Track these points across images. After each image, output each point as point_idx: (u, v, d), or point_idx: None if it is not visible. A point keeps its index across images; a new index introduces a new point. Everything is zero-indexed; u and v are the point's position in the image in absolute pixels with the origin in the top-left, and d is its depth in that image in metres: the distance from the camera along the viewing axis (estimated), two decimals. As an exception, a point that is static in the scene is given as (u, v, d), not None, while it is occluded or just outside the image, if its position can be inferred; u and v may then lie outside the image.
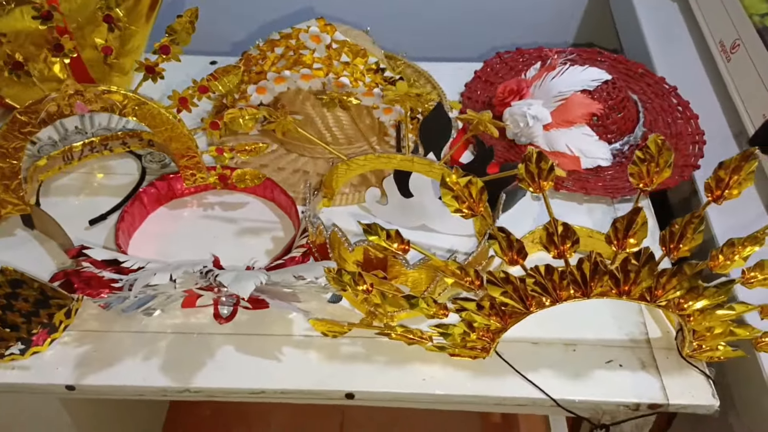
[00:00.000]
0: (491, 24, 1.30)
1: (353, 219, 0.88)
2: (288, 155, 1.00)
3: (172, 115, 0.83)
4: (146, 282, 0.65)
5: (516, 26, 1.32)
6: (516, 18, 1.32)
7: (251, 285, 0.64)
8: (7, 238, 0.89)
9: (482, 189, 0.57)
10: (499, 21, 1.30)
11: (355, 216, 0.91)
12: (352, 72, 0.89)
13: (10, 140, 0.79)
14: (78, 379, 0.72)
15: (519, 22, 1.32)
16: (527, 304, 0.66)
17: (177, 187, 0.94)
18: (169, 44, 0.78)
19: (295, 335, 0.78)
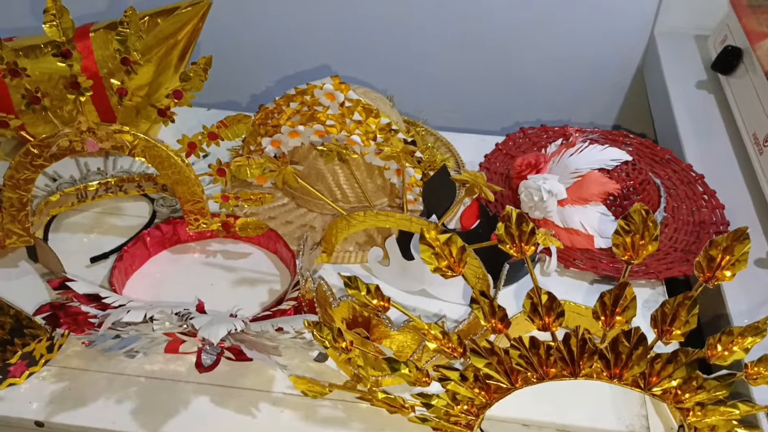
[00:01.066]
0: (520, 98, 1.30)
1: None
2: (297, 210, 1.00)
3: (180, 159, 0.84)
4: (118, 318, 0.64)
5: (546, 103, 1.32)
6: (547, 95, 1.32)
7: (223, 330, 0.63)
8: (10, 269, 0.89)
9: (462, 248, 0.54)
10: (528, 96, 1.30)
11: (358, 275, 0.89)
12: (364, 131, 0.90)
13: (21, 172, 0.81)
14: (48, 416, 0.70)
15: (550, 99, 1.32)
16: (512, 379, 0.62)
17: (182, 232, 0.95)
18: (181, 90, 0.79)
19: (274, 392, 0.75)
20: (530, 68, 1.27)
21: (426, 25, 1.20)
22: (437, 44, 1.23)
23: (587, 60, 1.26)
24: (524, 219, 0.51)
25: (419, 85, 1.23)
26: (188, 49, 1.02)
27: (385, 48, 1.22)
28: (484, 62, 1.26)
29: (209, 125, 0.83)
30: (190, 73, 0.78)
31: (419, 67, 1.24)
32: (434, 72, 1.25)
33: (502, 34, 1.22)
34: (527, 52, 1.25)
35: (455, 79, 1.27)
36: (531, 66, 1.27)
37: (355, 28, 1.19)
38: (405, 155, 0.72)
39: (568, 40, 1.23)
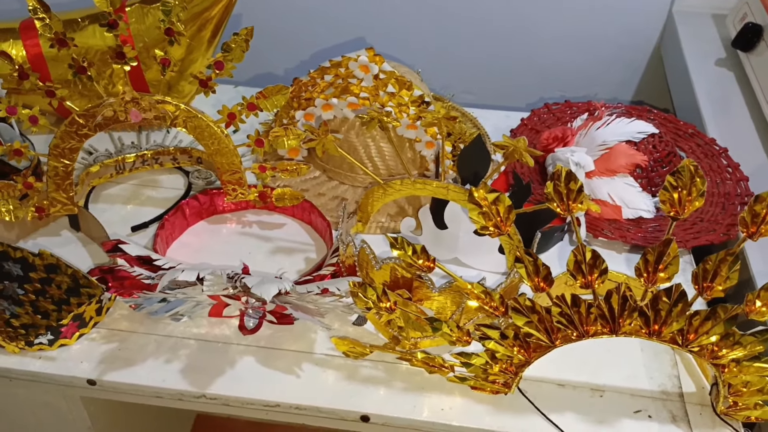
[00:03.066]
0: (542, 76, 1.31)
1: (387, 246, 0.88)
2: (329, 182, 1.02)
3: (220, 130, 0.86)
4: (174, 277, 0.66)
5: (567, 80, 1.33)
6: (567, 72, 1.33)
7: (274, 288, 0.65)
8: (53, 237, 0.92)
9: (510, 207, 0.56)
10: (550, 74, 1.31)
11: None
12: (397, 103, 0.91)
13: (67, 141, 0.83)
14: (100, 375, 0.73)
15: (570, 77, 1.33)
16: (552, 337, 0.64)
17: (219, 203, 0.97)
18: (223, 60, 0.81)
19: (316, 353, 0.77)
20: (549, 46, 1.28)
21: (450, 3, 1.21)
22: (461, 21, 1.24)
23: (605, 39, 1.27)
24: (573, 177, 0.53)
25: (444, 62, 1.25)
26: (222, 24, 1.03)
27: (411, 24, 1.23)
28: (505, 40, 1.27)
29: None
30: (231, 44, 0.80)
31: (444, 44, 1.25)
32: (458, 49, 1.26)
33: (523, 11, 1.23)
34: (547, 31, 1.26)
35: (478, 56, 1.28)
36: (550, 44, 1.28)
37: (383, 3, 1.20)
38: (446, 121, 0.73)
39: (587, 19, 1.24)
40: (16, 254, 0.64)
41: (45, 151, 0.84)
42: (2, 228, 0.88)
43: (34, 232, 0.92)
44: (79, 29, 1.01)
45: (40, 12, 0.76)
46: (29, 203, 0.86)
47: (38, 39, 0.99)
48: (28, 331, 0.71)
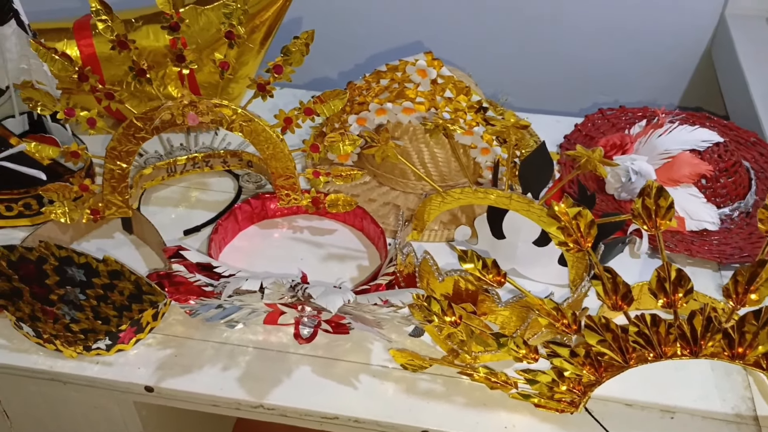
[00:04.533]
0: (595, 81, 1.28)
1: (441, 255, 0.86)
2: (380, 188, 1.00)
3: (275, 134, 0.85)
4: (238, 286, 0.65)
5: (620, 85, 1.30)
6: (620, 77, 1.30)
7: (339, 300, 0.63)
8: (106, 239, 0.92)
9: (591, 223, 0.54)
10: (603, 79, 1.28)
11: (443, 253, 0.89)
12: (454, 108, 0.89)
13: (124, 144, 0.83)
14: (157, 381, 0.72)
15: (623, 82, 1.30)
16: (627, 357, 0.61)
17: (270, 207, 0.96)
18: (282, 64, 0.80)
19: (373, 364, 0.76)
20: (594, 47, 1.25)
21: (499, 4, 1.19)
22: (509, 23, 1.21)
23: (652, 40, 1.24)
24: (665, 193, 0.50)
25: (493, 64, 1.22)
26: (274, 27, 1.02)
27: (460, 27, 1.21)
28: (551, 41, 1.24)
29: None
30: (291, 47, 0.79)
31: (492, 46, 1.23)
32: (506, 52, 1.24)
33: (572, 15, 1.20)
34: (592, 30, 1.23)
35: (525, 58, 1.26)
36: (595, 45, 1.25)
37: (435, 6, 1.18)
38: (516, 130, 0.71)
39: (635, 21, 1.20)
40: (80, 260, 0.63)
41: (96, 151, 0.84)
42: (57, 229, 0.88)
43: (87, 233, 0.92)
44: (132, 30, 1.00)
45: (102, 13, 0.75)
46: (84, 205, 0.86)
47: (92, 39, 0.99)
48: (87, 336, 0.71)
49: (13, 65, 0.92)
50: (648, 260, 0.91)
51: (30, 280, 0.66)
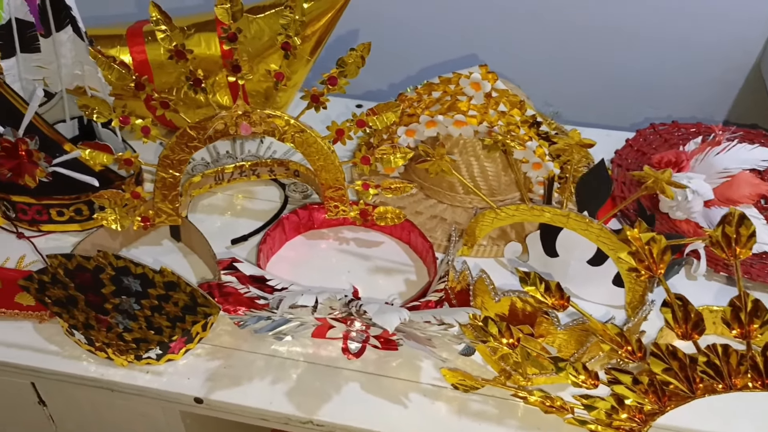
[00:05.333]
0: (642, 94, 1.25)
1: (489, 272, 0.85)
2: (427, 200, 0.99)
3: (327, 146, 0.84)
4: (293, 302, 0.65)
5: (666, 98, 1.27)
6: (667, 90, 1.26)
7: (396, 319, 0.62)
8: (155, 246, 0.92)
9: (665, 249, 0.52)
10: (650, 91, 1.25)
11: (491, 269, 0.88)
12: (507, 122, 0.88)
13: (177, 152, 0.83)
14: (207, 393, 0.72)
15: (670, 94, 1.26)
16: (693, 387, 0.59)
17: (317, 218, 0.95)
18: (337, 76, 0.79)
19: (422, 383, 0.74)
20: (644, 62, 1.22)
21: (551, 18, 1.17)
22: (560, 36, 1.19)
23: (700, 53, 1.20)
24: (747, 221, 0.48)
25: (543, 77, 1.20)
26: (324, 38, 1.02)
27: (512, 40, 1.19)
28: (598, 55, 1.22)
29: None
30: (347, 59, 0.78)
31: (543, 59, 1.21)
32: (556, 64, 1.22)
33: (620, 28, 1.18)
34: (642, 46, 1.20)
35: (584, 71, 1.23)
36: (644, 59, 1.22)
37: (485, 17, 1.17)
38: (579, 148, 0.70)
39: (683, 32, 1.17)
40: (137, 270, 0.63)
41: (145, 157, 0.84)
42: (107, 236, 0.89)
43: (135, 240, 0.93)
44: (184, 38, 1.00)
45: (161, 23, 0.75)
46: (134, 212, 0.87)
47: (144, 46, 1.00)
48: (139, 345, 0.71)
49: (67, 71, 0.93)
50: (704, 282, 0.88)
51: (86, 289, 0.67)
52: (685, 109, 1.27)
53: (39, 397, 0.84)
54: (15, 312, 0.78)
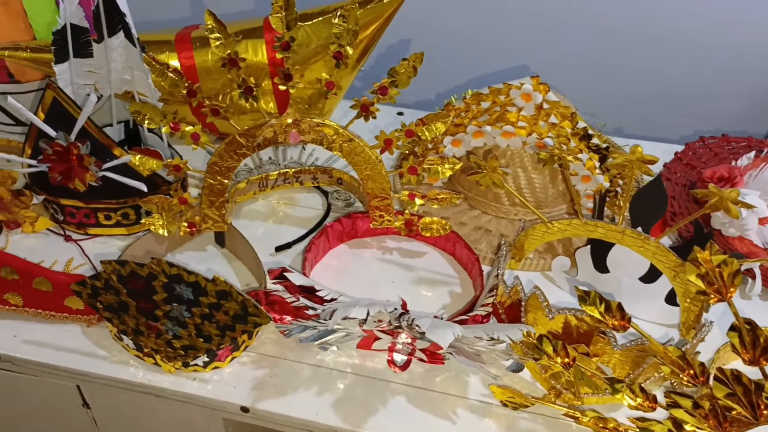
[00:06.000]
0: (692, 106, 1.23)
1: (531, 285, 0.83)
2: (471, 211, 0.98)
3: (375, 155, 0.84)
4: (346, 314, 0.64)
5: (717, 111, 1.24)
6: (718, 103, 1.24)
7: (450, 335, 0.61)
8: (199, 252, 0.92)
9: (737, 272, 0.50)
10: (700, 104, 1.22)
11: (538, 283, 0.86)
12: (557, 134, 0.86)
13: (225, 159, 0.83)
14: (254, 402, 0.72)
15: (721, 108, 1.24)
16: (757, 414, 0.57)
17: (360, 227, 0.95)
18: (388, 86, 0.79)
19: (470, 398, 0.73)
20: (689, 74, 1.19)
21: (601, 26, 1.15)
22: (608, 47, 1.17)
23: (749, 65, 1.17)
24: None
25: (591, 88, 1.18)
26: (371, 46, 1.01)
27: (560, 49, 1.18)
28: (646, 66, 1.19)
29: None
30: (399, 69, 0.77)
31: (591, 69, 1.19)
32: (604, 75, 1.20)
33: (668, 39, 1.15)
34: (688, 58, 1.17)
35: (632, 84, 1.21)
36: (690, 71, 1.19)
37: (534, 28, 1.15)
38: (639, 164, 0.68)
39: (732, 43, 1.14)
40: (190, 278, 0.63)
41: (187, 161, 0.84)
42: (154, 241, 0.89)
43: (180, 245, 0.93)
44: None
45: (216, 31, 0.76)
46: (181, 218, 0.87)
47: (192, 52, 1.00)
48: (187, 352, 0.71)
49: (117, 75, 0.94)
50: (758, 302, 0.86)
51: (138, 295, 0.67)
52: (732, 122, 1.25)
53: (83, 400, 0.85)
54: (64, 315, 0.78)
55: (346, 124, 0.82)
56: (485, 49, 1.18)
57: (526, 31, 1.14)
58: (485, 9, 1.14)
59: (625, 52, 1.16)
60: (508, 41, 1.16)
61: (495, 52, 1.16)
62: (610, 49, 1.18)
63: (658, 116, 1.23)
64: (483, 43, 1.18)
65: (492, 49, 1.17)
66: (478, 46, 1.18)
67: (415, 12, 1.04)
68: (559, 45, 1.16)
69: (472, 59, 1.18)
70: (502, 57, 1.16)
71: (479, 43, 1.18)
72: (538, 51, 1.16)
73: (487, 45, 1.18)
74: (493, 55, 1.17)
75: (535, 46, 1.16)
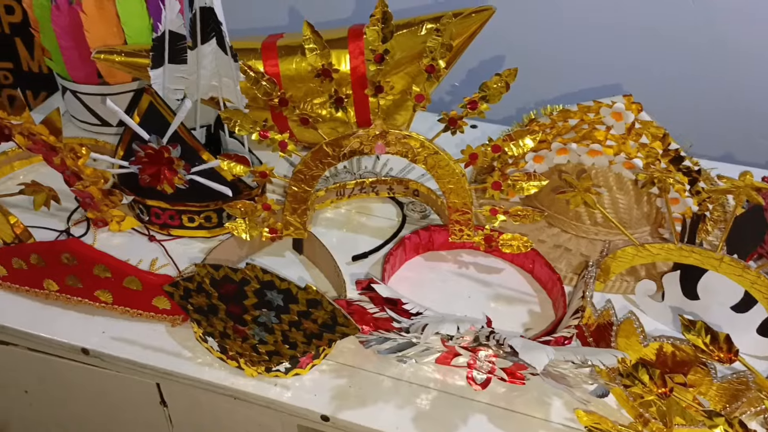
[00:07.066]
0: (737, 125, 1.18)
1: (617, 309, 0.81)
2: (549, 228, 0.96)
3: (458, 169, 0.83)
4: (437, 329, 0.64)
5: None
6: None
7: (544, 357, 0.60)
8: (277, 258, 0.93)
9: None
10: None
11: (618, 306, 0.84)
12: (646, 155, 0.84)
13: (311, 168, 0.84)
14: (334, 411, 0.72)
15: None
16: None
17: (436, 239, 0.94)
18: (478, 100, 0.78)
19: (553, 422, 0.72)
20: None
21: (693, 44, 1.12)
22: (699, 67, 1.14)
23: None
24: None
25: (679, 108, 1.15)
26: (454, 59, 1.01)
27: (648, 67, 1.15)
28: (735, 88, 1.16)
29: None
30: (492, 84, 0.77)
31: (681, 89, 1.16)
32: (694, 95, 1.16)
33: (758, 59, 1.11)
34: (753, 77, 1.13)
35: (720, 107, 1.18)
36: None
37: (626, 47, 1.13)
38: (749, 191, 0.66)
39: None
40: (282, 285, 0.64)
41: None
42: (236, 245, 0.91)
43: (259, 250, 0.94)
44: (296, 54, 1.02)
45: (311, 42, 0.77)
46: (263, 224, 0.88)
47: (277, 60, 1.02)
48: (271, 358, 0.71)
49: (205, 81, 0.96)
50: None
51: (228, 299, 0.68)
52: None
53: (162, 398, 0.86)
54: (150, 314, 0.80)
55: (432, 137, 0.82)
56: (573, 66, 1.16)
57: (617, 49, 1.12)
58: (572, 25, 1.13)
59: (712, 72, 1.12)
60: (599, 58, 1.14)
61: (585, 69, 1.15)
62: (696, 69, 1.14)
63: (741, 138, 1.19)
64: (574, 61, 1.16)
65: (581, 67, 1.15)
66: (563, 63, 1.16)
67: (503, 28, 1.03)
68: (645, 63, 1.13)
69: (555, 75, 1.17)
70: (593, 75, 1.14)
71: (564, 60, 1.16)
72: (621, 69, 1.14)
73: (577, 63, 1.16)
74: (584, 72, 1.15)
75: (625, 63, 1.13)
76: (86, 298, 0.81)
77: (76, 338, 0.79)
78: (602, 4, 1.11)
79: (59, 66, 1.09)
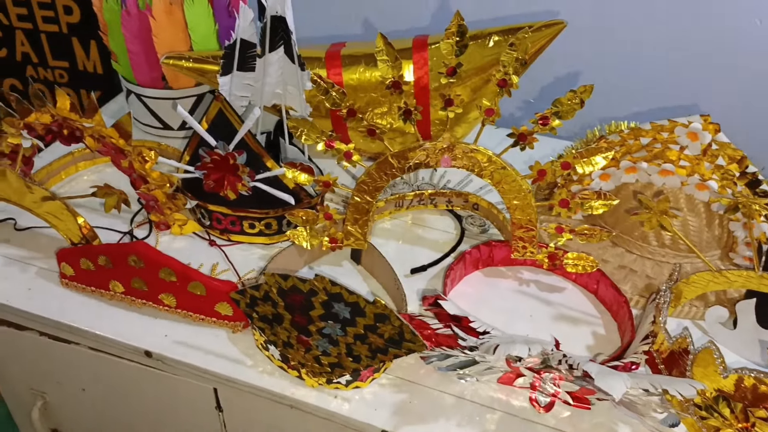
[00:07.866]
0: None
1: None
2: (614, 248, 0.94)
3: (525, 186, 0.82)
4: (508, 351, 0.62)
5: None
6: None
7: (621, 385, 0.58)
8: (335, 267, 0.93)
9: None
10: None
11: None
12: (721, 177, 0.81)
13: (375, 179, 0.83)
14: (395, 427, 0.71)
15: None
16: None
17: (497, 255, 0.93)
18: (550, 116, 0.77)
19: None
20: None
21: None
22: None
23: None
24: None
25: (744, 128, 1.11)
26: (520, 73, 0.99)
27: (720, 88, 1.11)
28: None
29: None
30: (565, 100, 0.75)
31: (746, 108, 1.12)
32: (759, 114, 1.12)
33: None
34: None
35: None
36: None
37: (704, 68, 1.10)
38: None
39: None
40: (350, 298, 0.63)
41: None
42: (296, 253, 0.91)
43: (317, 259, 0.94)
44: (360, 64, 1.01)
45: (383, 54, 0.76)
46: (324, 233, 0.88)
47: (341, 69, 1.02)
48: (333, 370, 0.71)
49: (269, 89, 0.96)
50: None
51: (294, 309, 0.67)
52: None
53: (218, 402, 0.87)
54: (213, 320, 0.80)
55: (499, 152, 0.81)
56: (649, 83, 1.13)
57: (695, 69, 1.09)
58: (644, 42, 1.10)
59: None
60: (673, 77, 1.11)
61: (660, 87, 1.12)
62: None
63: None
64: (650, 77, 1.13)
65: (657, 83, 1.12)
66: (642, 80, 1.13)
67: (575, 43, 1.01)
68: (718, 85, 1.10)
69: (630, 93, 1.14)
70: (668, 93, 1.11)
71: (645, 77, 1.13)
72: (692, 90, 1.10)
73: (652, 79, 1.13)
74: (659, 90, 1.12)
75: (701, 84, 1.10)
76: (150, 301, 0.81)
77: (139, 340, 0.80)
78: (679, 26, 1.08)
79: (125, 69, 1.11)
